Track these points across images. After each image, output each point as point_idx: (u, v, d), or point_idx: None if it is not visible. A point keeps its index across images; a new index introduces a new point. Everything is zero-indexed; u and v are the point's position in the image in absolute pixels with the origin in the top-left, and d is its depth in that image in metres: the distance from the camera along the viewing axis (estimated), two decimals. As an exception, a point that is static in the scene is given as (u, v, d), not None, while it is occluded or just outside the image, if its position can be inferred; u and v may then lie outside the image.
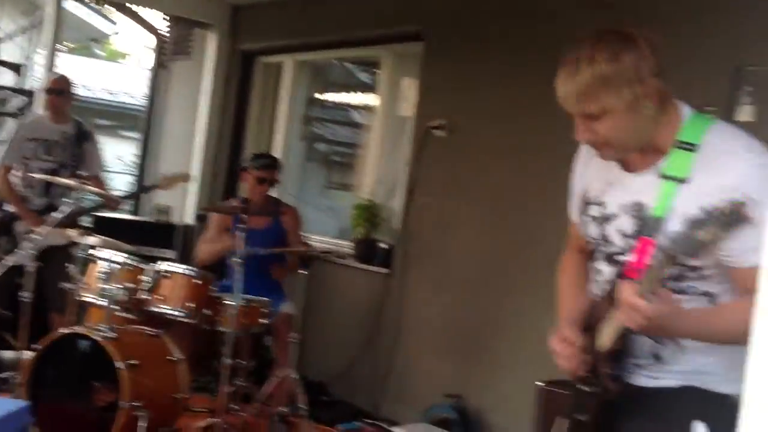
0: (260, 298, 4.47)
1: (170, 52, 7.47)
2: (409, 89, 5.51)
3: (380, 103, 5.79)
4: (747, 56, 3.56)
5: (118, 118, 13.57)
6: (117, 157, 15.87)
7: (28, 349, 4.09)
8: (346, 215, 5.72)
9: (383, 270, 5.24)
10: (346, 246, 5.61)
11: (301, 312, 4.53)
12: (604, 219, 1.95)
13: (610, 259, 1.95)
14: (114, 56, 22.03)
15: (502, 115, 4.68)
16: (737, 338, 1.67)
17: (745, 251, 1.70)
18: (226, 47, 6.76)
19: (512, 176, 4.59)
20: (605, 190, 1.96)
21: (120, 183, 10.18)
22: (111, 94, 14.78)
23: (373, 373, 5.17)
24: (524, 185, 4.51)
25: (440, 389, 4.67)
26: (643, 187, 1.86)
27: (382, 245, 5.33)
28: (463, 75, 4.96)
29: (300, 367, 5.19)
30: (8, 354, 4.61)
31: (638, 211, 1.86)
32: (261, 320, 4.41)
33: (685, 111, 1.86)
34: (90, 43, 20.19)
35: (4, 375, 4.39)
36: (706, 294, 1.84)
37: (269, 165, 4.89)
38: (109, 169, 17.05)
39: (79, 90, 5.59)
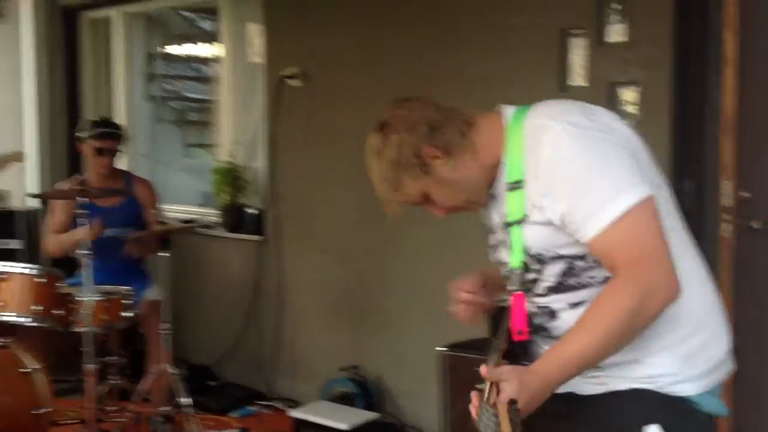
0: (120, 287, 3.99)
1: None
2: (256, 35, 5.03)
3: (226, 54, 5.28)
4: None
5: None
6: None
7: None
8: (210, 178, 5.21)
9: (255, 237, 4.82)
10: (212, 214, 5.15)
11: (172, 293, 4.08)
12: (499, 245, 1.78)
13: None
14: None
15: (360, 59, 4.32)
16: (622, 334, 1.48)
17: (584, 218, 1.53)
18: (43, 5, 6.04)
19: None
20: (487, 215, 1.81)
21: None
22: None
23: (260, 350, 4.80)
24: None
25: (335, 360, 4.38)
26: (500, 204, 1.72)
27: (251, 210, 4.91)
28: (310, 17, 4.55)
29: (181, 351, 4.79)
30: None
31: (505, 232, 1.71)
32: (124, 314, 3.93)
33: (507, 114, 1.70)
34: None
35: None
36: (607, 281, 1.58)
37: (106, 134, 4.30)
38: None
39: None
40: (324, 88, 4.50)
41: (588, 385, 1.66)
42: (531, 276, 1.66)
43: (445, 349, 3.35)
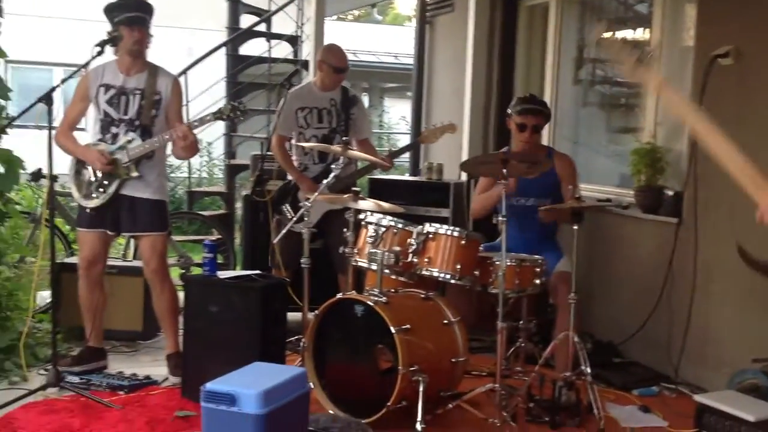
0: (533, 256, 4.24)
1: (433, 8, 7.36)
2: (689, 16, 4.89)
3: (657, 36, 5.21)
4: None
5: (404, 79, 13.89)
6: (401, 117, 16.41)
7: (311, 311, 4.20)
8: (628, 159, 5.22)
9: (671, 219, 4.73)
10: (627, 195, 5.16)
11: (583, 269, 4.20)
12: None
13: None
14: (399, 20, 22.92)
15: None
16: None
17: None
18: (487, -5, 6.53)
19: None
20: None
21: (405, 143, 10.31)
22: (395, 57, 15.33)
23: (668, 333, 4.71)
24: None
25: (748, 350, 4.14)
26: None
27: (668, 192, 4.82)
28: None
29: (587, 325, 4.92)
30: (295, 316, 4.77)
31: None
32: (535, 280, 4.17)
33: None
34: (371, 9, 21.12)
35: (293, 339, 4.55)
36: None
37: (527, 110, 4.60)
38: (395, 130, 17.67)
39: (364, 56, 5.61)
40: (758, 67, 4.25)
41: None
42: None
43: None
